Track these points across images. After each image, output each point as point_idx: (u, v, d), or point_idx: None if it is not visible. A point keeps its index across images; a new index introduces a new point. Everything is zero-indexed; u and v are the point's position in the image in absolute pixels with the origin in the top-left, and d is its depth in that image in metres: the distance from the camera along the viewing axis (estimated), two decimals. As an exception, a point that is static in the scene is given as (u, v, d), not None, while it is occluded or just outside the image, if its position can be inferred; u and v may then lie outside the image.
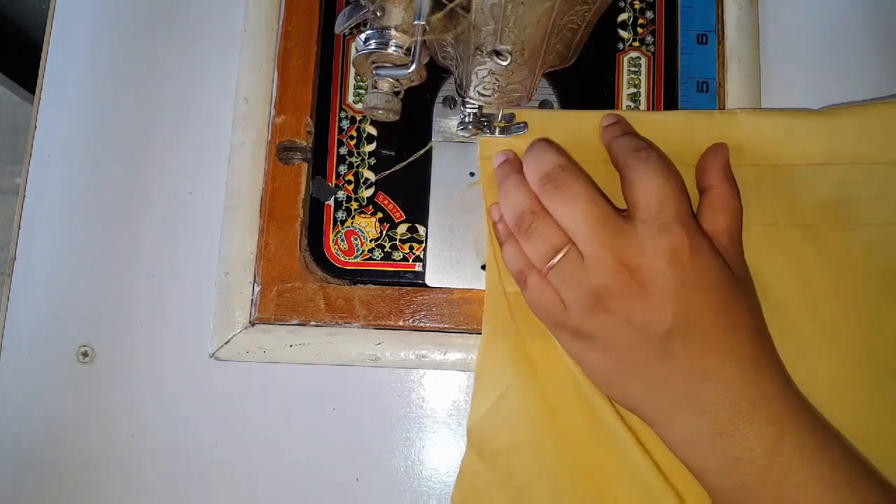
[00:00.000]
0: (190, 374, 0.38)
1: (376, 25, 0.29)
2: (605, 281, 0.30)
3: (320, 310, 0.37)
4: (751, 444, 0.29)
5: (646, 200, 0.31)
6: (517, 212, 0.33)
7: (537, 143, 0.35)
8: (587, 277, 0.31)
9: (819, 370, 0.34)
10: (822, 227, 0.35)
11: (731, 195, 0.33)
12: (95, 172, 0.40)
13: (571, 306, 0.31)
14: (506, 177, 0.34)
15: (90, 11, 0.42)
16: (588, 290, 0.31)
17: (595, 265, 0.30)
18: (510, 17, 0.27)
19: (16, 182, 1.12)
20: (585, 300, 0.31)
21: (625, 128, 0.35)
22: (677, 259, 0.30)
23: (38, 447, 0.38)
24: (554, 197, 0.32)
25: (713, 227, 0.32)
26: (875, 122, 0.35)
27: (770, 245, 0.35)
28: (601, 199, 0.31)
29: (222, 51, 0.40)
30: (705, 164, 0.34)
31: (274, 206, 0.38)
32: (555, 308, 0.32)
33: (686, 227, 0.30)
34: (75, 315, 0.39)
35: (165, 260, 0.39)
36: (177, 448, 0.38)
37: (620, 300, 0.30)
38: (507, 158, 0.36)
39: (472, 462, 0.34)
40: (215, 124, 0.39)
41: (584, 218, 0.31)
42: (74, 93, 0.41)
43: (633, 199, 0.32)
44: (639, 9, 0.40)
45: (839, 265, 0.35)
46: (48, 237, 0.39)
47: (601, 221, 0.31)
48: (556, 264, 0.31)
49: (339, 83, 0.40)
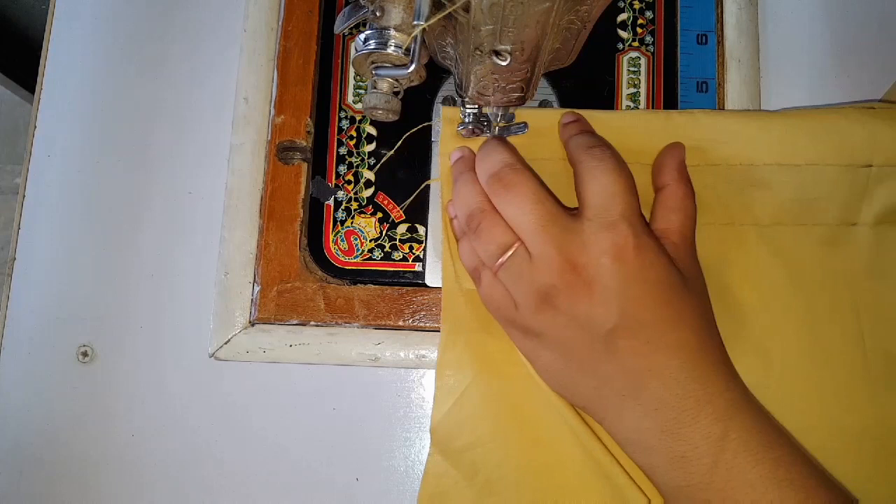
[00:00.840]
0: (190, 374, 0.38)
1: (376, 25, 0.29)
2: (551, 279, 0.30)
3: (320, 310, 0.37)
4: (696, 442, 0.29)
5: (594, 198, 0.31)
6: (467, 210, 0.33)
7: (488, 141, 0.35)
8: (534, 276, 0.31)
9: (774, 368, 0.34)
10: (777, 227, 0.36)
11: (685, 194, 0.33)
12: (95, 172, 0.40)
13: (521, 304, 0.32)
14: (459, 175, 0.35)
15: (90, 11, 0.42)
16: (535, 289, 0.31)
17: (542, 263, 0.31)
18: (509, 17, 0.27)
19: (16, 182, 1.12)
20: (533, 298, 0.31)
21: (582, 126, 0.35)
22: (622, 257, 0.30)
23: (38, 447, 0.38)
24: (501, 196, 0.32)
25: (666, 226, 0.32)
26: (828, 125, 0.35)
27: (726, 244, 0.36)
28: (548, 198, 0.32)
29: (222, 51, 0.40)
30: (661, 164, 0.34)
31: (274, 206, 0.38)
32: (506, 305, 0.32)
33: (632, 225, 0.30)
34: (75, 315, 0.39)
35: (165, 260, 0.39)
36: (177, 448, 0.38)
37: (566, 298, 0.30)
38: (461, 156, 0.36)
39: (436, 462, 0.34)
40: (215, 124, 0.40)
41: (530, 217, 0.31)
42: (74, 93, 0.41)
43: (582, 197, 0.32)
44: (638, 9, 0.40)
45: (793, 264, 0.36)
46: (48, 237, 0.40)
47: (548, 220, 0.31)
48: (504, 263, 0.32)
49: (339, 83, 0.40)
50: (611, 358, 0.30)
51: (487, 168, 0.33)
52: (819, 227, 0.36)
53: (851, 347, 0.35)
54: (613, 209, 0.30)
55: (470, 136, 0.37)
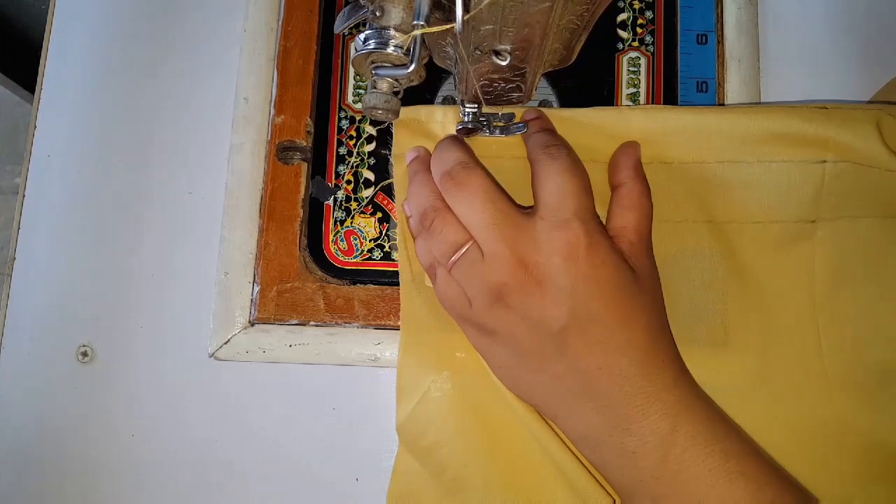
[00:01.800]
0: (190, 374, 0.38)
1: (375, 25, 0.29)
2: (503, 277, 0.30)
3: (320, 310, 0.37)
4: (645, 437, 0.29)
5: (548, 197, 0.31)
6: (421, 209, 0.33)
7: (443, 140, 0.35)
8: (487, 274, 0.31)
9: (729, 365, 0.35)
10: (732, 225, 0.36)
11: (641, 192, 0.33)
12: (95, 172, 0.40)
13: (474, 302, 0.32)
14: (414, 174, 0.35)
15: (90, 11, 0.42)
16: (488, 287, 0.31)
17: (494, 261, 0.31)
18: (509, 17, 0.27)
19: (16, 182, 1.12)
20: (486, 296, 0.31)
21: (542, 123, 0.35)
22: (573, 255, 0.30)
23: (38, 447, 0.38)
24: (453, 194, 0.32)
25: (622, 224, 0.32)
26: (781, 123, 0.35)
27: (681, 242, 0.36)
28: (500, 197, 0.32)
29: (222, 51, 0.41)
30: (617, 162, 0.34)
31: (274, 206, 0.38)
32: (460, 303, 0.32)
33: (585, 223, 0.30)
34: (75, 315, 0.39)
35: (165, 260, 0.39)
36: (177, 448, 0.38)
37: (518, 296, 0.30)
38: (417, 155, 0.36)
39: (405, 460, 0.35)
40: (215, 124, 0.40)
41: (481, 215, 0.31)
42: (74, 93, 0.41)
43: (536, 196, 0.32)
44: (638, 9, 0.40)
45: (748, 262, 0.36)
46: (48, 237, 0.40)
47: (499, 218, 0.31)
48: (457, 261, 0.32)
49: (339, 83, 0.40)
50: (561, 356, 0.30)
51: (440, 166, 0.33)
52: (777, 225, 0.35)
53: (808, 344, 0.35)
54: (566, 208, 0.31)
55: (469, 135, 0.37)
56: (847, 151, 0.35)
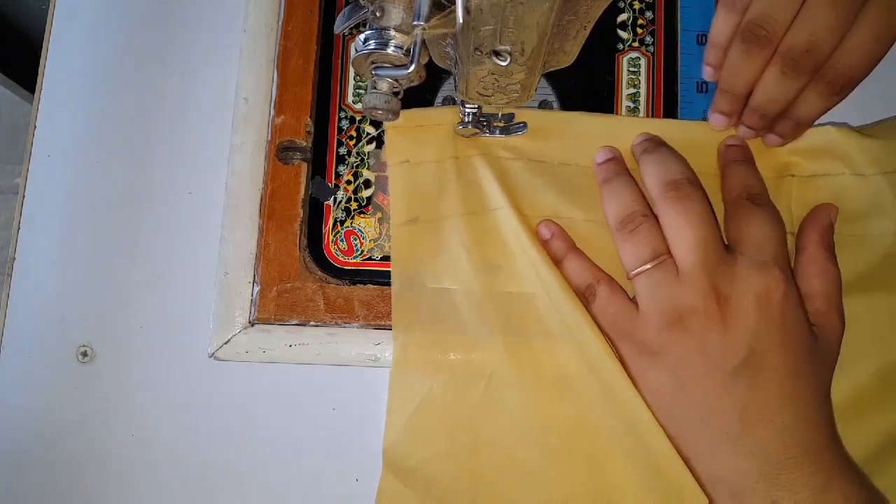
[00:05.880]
0: (190, 374, 0.38)
1: (376, 26, 0.29)
2: (692, 300, 0.31)
3: (320, 310, 0.37)
4: (797, 489, 0.29)
5: (752, 238, 0.32)
6: (628, 211, 0.33)
7: (662, 148, 0.35)
8: (677, 292, 0.31)
9: None
10: None
11: (826, 259, 0.33)
12: (95, 172, 0.40)
13: (649, 316, 0.32)
14: (615, 175, 0.35)
15: (90, 11, 0.42)
16: (673, 304, 0.31)
17: (688, 282, 0.31)
18: (509, 17, 0.27)
19: (16, 182, 1.12)
20: (667, 313, 0.31)
21: (745, 154, 0.36)
22: (767, 299, 0.30)
23: (37, 447, 0.38)
24: (675, 205, 0.32)
25: (807, 292, 0.33)
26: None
27: None
28: (715, 223, 0.32)
29: (222, 51, 0.40)
30: (804, 224, 0.35)
31: (273, 206, 0.38)
32: (625, 318, 0.32)
33: (784, 272, 0.31)
34: (75, 315, 0.39)
35: (165, 260, 0.39)
36: (176, 448, 0.38)
37: (701, 323, 0.30)
38: (613, 157, 0.36)
39: (389, 484, 0.34)
40: (215, 124, 0.39)
41: (696, 234, 0.31)
42: (74, 93, 0.41)
43: (738, 235, 0.32)
44: (638, 9, 0.40)
45: None
46: (48, 237, 0.39)
47: (710, 243, 0.31)
48: (649, 269, 0.32)
49: (339, 83, 0.40)
50: (725, 393, 0.30)
51: (665, 174, 0.33)
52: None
53: None
54: (768, 252, 0.31)
55: (469, 136, 0.37)
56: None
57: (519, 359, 0.35)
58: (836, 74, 0.32)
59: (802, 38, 0.31)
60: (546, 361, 0.35)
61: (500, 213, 0.35)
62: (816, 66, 0.32)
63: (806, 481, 0.29)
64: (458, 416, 0.35)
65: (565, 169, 0.37)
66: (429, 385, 0.35)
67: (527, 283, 0.35)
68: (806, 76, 0.32)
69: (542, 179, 0.36)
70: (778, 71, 0.32)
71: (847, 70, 0.32)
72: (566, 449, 0.34)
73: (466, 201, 0.36)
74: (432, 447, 0.34)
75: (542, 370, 0.35)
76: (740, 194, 0.33)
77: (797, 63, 0.32)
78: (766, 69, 0.33)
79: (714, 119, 0.36)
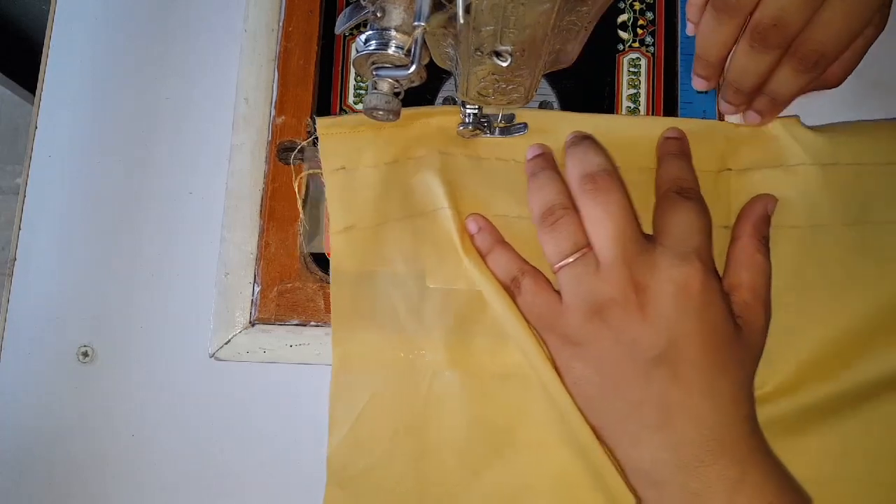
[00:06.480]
0: (190, 374, 0.38)
1: (376, 26, 0.29)
2: (612, 292, 0.31)
3: (320, 310, 0.37)
4: (712, 481, 0.29)
5: (674, 229, 0.32)
6: (549, 204, 0.33)
7: (585, 142, 0.35)
8: (597, 284, 0.31)
9: None
10: None
11: (756, 250, 0.33)
12: (95, 172, 0.40)
13: (571, 308, 0.32)
14: (540, 170, 0.35)
15: (90, 11, 0.42)
16: (593, 297, 0.31)
17: (608, 274, 0.31)
18: (510, 17, 0.27)
19: (16, 182, 1.12)
20: (588, 305, 0.31)
21: (682, 147, 0.36)
22: (686, 289, 0.30)
23: (38, 447, 0.38)
24: (591, 197, 0.32)
25: (736, 282, 0.33)
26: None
27: None
28: (633, 214, 0.32)
29: (222, 51, 0.40)
30: (740, 214, 0.35)
31: (274, 207, 0.38)
32: (550, 310, 0.32)
33: (704, 263, 0.31)
34: (75, 315, 0.39)
35: (165, 260, 0.39)
36: (177, 448, 0.38)
37: (620, 314, 0.30)
38: (542, 153, 0.36)
39: (333, 495, 0.35)
40: (215, 124, 0.39)
41: (613, 226, 0.31)
42: (74, 93, 0.41)
43: (662, 225, 0.32)
44: (639, 10, 0.40)
45: None
46: (48, 237, 0.39)
47: (628, 234, 0.31)
48: (571, 262, 0.32)
49: (340, 84, 0.40)
50: (646, 385, 0.30)
51: (583, 167, 0.33)
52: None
53: None
54: (689, 244, 0.31)
55: (470, 136, 0.37)
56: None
57: (460, 357, 0.35)
58: (807, 50, 0.31)
59: (770, 12, 0.30)
60: (487, 357, 0.35)
61: (439, 214, 0.35)
62: (786, 42, 0.32)
63: (721, 474, 0.29)
64: (402, 419, 0.35)
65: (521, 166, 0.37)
66: (371, 391, 0.35)
67: (463, 281, 0.35)
68: (775, 51, 0.32)
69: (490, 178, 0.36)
70: (746, 45, 0.32)
71: (818, 46, 0.31)
72: (511, 443, 0.34)
73: (404, 205, 0.36)
74: (375, 454, 0.35)
75: (484, 366, 0.35)
76: (670, 187, 0.33)
77: (764, 37, 0.31)
78: (738, 43, 0.33)
79: (695, 82, 0.37)
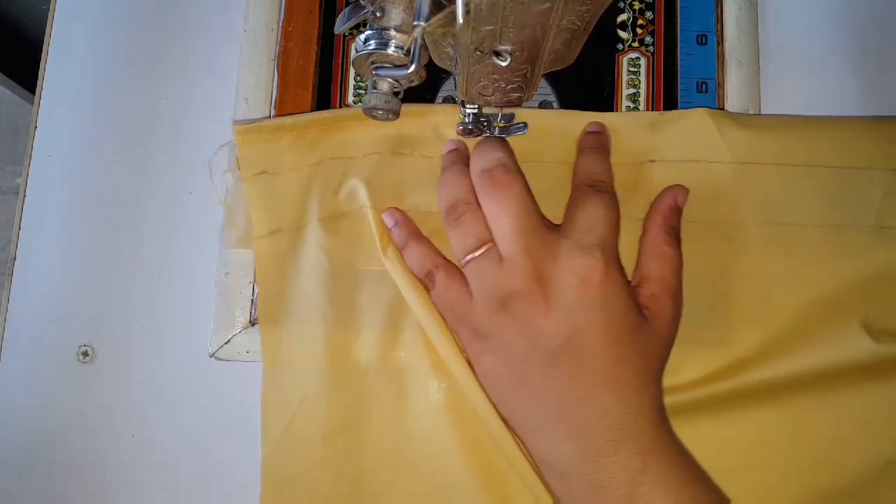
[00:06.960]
0: (190, 373, 0.38)
1: (376, 26, 0.29)
2: (515, 284, 0.31)
3: (320, 310, 0.37)
4: (615, 472, 0.29)
5: (578, 220, 0.32)
6: (453, 200, 0.33)
7: (487, 139, 0.35)
8: (500, 277, 0.31)
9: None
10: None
11: (665, 242, 0.33)
12: (95, 172, 0.40)
13: (478, 302, 0.32)
14: (450, 165, 0.35)
15: (90, 11, 0.42)
16: (498, 290, 0.31)
17: (510, 267, 0.31)
18: (510, 17, 0.27)
19: (16, 182, 1.12)
20: (492, 299, 0.31)
21: (601, 141, 0.36)
22: (587, 280, 0.30)
23: (38, 447, 0.38)
24: (489, 192, 0.32)
25: (645, 274, 0.33)
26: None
27: None
28: (533, 206, 0.32)
29: (222, 51, 0.40)
30: (652, 205, 0.35)
31: (274, 207, 0.38)
32: (461, 304, 0.32)
33: (606, 254, 0.31)
34: (75, 315, 0.39)
35: (165, 260, 0.39)
36: (177, 448, 0.38)
37: (523, 306, 0.30)
38: (456, 148, 0.36)
39: (269, 499, 0.35)
40: (215, 124, 0.39)
41: (512, 220, 0.31)
42: (74, 93, 0.41)
43: (568, 216, 0.33)
44: (638, 9, 0.40)
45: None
46: (48, 237, 0.40)
47: (527, 227, 0.31)
48: (475, 258, 0.32)
49: (339, 83, 0.40)
50: (548, 375, 0.30)
51: (481, 163, 0.33)
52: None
53: None
54: (594, 235, 0.31)
55: (468, 136, 0.37)
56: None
57: (390, 353, 0.35)
58: None
59: None
60: (416, 352, 0.35)
61: (362, 213, 0.36)
62: None
63: (625, 465, 0.29)
64: (335, 420, 0.35)
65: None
66: (302, 394, 0.35)
67: (388, 277, 0.35)
68: None
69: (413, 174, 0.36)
70: None
71: None
72: (444, 437, 0.34)
73: (328, 205, 0.36)
74: (310, 457, 0.35)
75: (413, 361, 0.35)
76: (583, 180, 0.33)
77: None
78: None
79: None
